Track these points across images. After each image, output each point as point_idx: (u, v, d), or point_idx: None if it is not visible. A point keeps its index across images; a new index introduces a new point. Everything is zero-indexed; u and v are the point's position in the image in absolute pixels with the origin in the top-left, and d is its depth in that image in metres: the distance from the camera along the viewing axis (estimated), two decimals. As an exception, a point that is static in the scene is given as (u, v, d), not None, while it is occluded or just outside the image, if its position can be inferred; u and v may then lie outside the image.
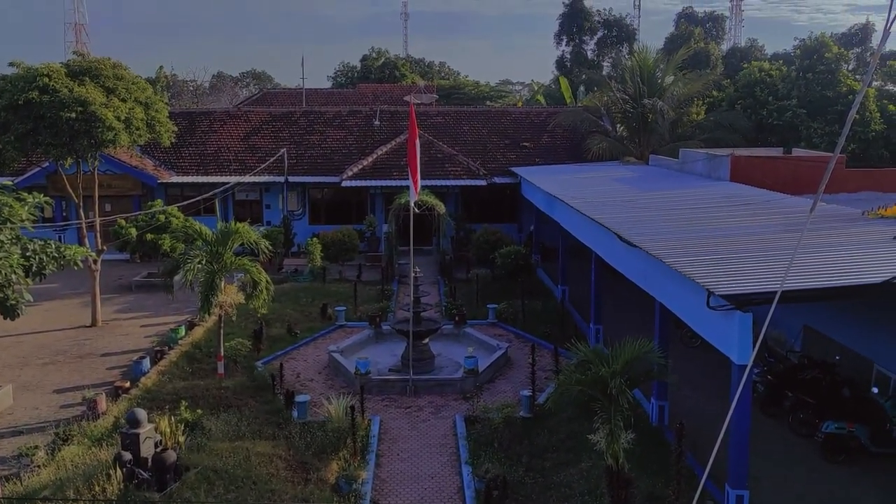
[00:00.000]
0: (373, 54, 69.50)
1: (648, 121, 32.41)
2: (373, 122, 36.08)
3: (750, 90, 36.15)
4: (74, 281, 26.15)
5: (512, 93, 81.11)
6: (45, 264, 15.76)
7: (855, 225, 14.67)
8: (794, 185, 20.70)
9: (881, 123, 32.86)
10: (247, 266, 17.61)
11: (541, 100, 52.78)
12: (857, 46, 42.66)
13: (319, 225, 33.04)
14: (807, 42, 37.30)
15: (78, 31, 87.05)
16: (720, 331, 10.95)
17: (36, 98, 19.94)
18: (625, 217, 17.11)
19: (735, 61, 46.97)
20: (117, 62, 22.64)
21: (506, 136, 36.14)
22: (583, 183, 24.98)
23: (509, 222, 33.25)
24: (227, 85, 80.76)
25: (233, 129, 35.60)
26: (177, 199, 30.64)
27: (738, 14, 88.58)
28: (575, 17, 53.85)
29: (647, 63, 34.12)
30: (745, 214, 16.75)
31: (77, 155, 21.61)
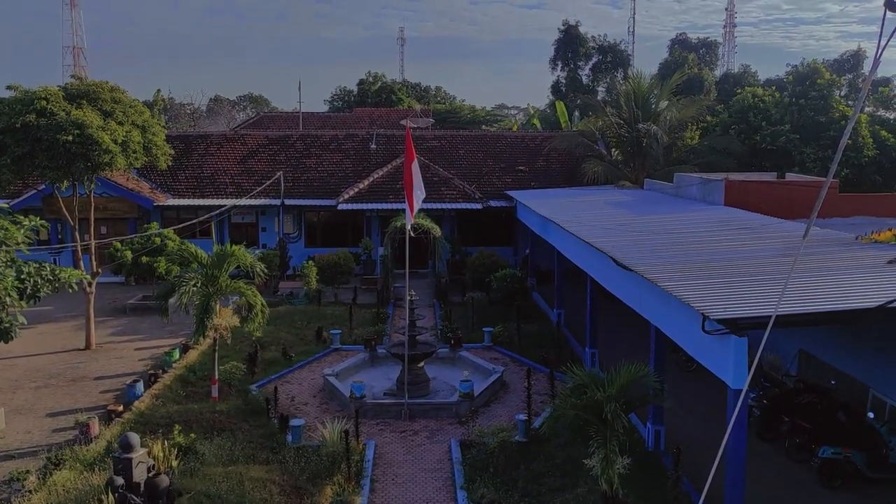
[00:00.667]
0: (369, 78, 69.97)
1: (643, 145, 32.62)
2: (369, 146, 36.25)
3: (743, 115, 36.46)
4: (69, 304, 26.05)
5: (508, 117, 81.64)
6: (39, 287, 15.71)
7: (849, 249, 14.73)
8: (788, 210, 20.81)
9: (874, 149, 33.13)
10: (242, 289, 17.59)
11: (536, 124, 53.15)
12: (848, 73, 43.08)
13: (315, 248, 33.05)
14: (799, 68, 37.71)
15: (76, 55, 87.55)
16: (715, 355, 10.94)
17: (33, 121, 19.99)
18: (620, 241, 17.14)
19: (728, 87, 47.41)
20: (115, 86, 22.75)
21: (501, 160, 36.32)
22: (578, 207, 25.06)
23: (505, 246, 33.31)
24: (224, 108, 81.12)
25: (229, 152, 35.71)
26: (173, 221, 30.66)
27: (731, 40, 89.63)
28: (570, 43, 54.36)
29: (642, 88, 34.44)
30: (740, 238, 16.80)
31: (73, 178, 21.63)
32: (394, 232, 28.15)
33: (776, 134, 34.38)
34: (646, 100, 34.14)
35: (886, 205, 22.82)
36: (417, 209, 19.08)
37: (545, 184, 34.36)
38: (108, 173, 24.70)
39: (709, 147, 34.07)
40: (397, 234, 27.63)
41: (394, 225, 28.18)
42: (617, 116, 34.47)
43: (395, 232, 28.03)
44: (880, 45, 3.92)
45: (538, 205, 26.04)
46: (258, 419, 16.52)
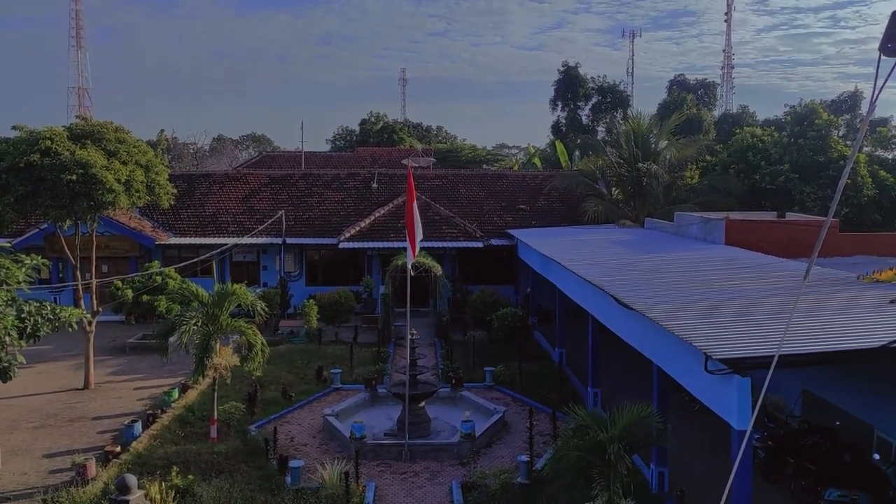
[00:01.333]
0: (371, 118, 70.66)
1: (643, 184, 32.78)
2: (371, 185, 36.45)
3: (743, 155, 36.70)
4: (68, 342, 25.96)
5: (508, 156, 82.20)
6: (39, 326, 15.67)
7: (851, 289, 14.70)
8: (789, 249, 20.82)
9: (873, 188, 33.27)
10: (242, 328, 17.55)
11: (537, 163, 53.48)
12: (846, 113, 43.49)
13: (316, 286, 33.02)
14: (797, 109, 38.06)
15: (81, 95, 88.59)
16: (719, 395, 10.85)
17: (37, 161, 20.15)
18: (621, 280, 17.13)
19: (727, 127, 47.81)
20: (119, 126, 22.97)
21: (502, 199, 36.49)
22: (579, 245, 25.10)
23: (506, 284, 33.27)
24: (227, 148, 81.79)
25: (232, 191, 35.92)
26: (174, 260, 30.72)
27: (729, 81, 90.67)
28: (570, 84, 54.99)
29: (641, 128, 34.74)
30: (742, 277, 16.78)
31: (76, 217, 21.73)
32: (395, 270, 28.15)
33: (776, 173, 34.56)
34: (645, 139, 34.42)
35: (887, 244, 22.84)
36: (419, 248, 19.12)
37: (546, 222, 34.46)
38: (111, 212, 24.78)
39: (709, 186, 34.24)
40: (398, 273, 27.63)
41: (395, 263, 28.21)
42: (617, 156, 34.71)
43: (396, 270, 28.04)
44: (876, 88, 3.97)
45: (539, 243, 26.08)
46: (257, 460, 16.34)
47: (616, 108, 55.32)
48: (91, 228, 22.79)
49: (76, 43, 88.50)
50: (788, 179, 34.09)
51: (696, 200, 33.14)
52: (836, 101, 45.36)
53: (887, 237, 24.35)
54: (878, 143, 39.33)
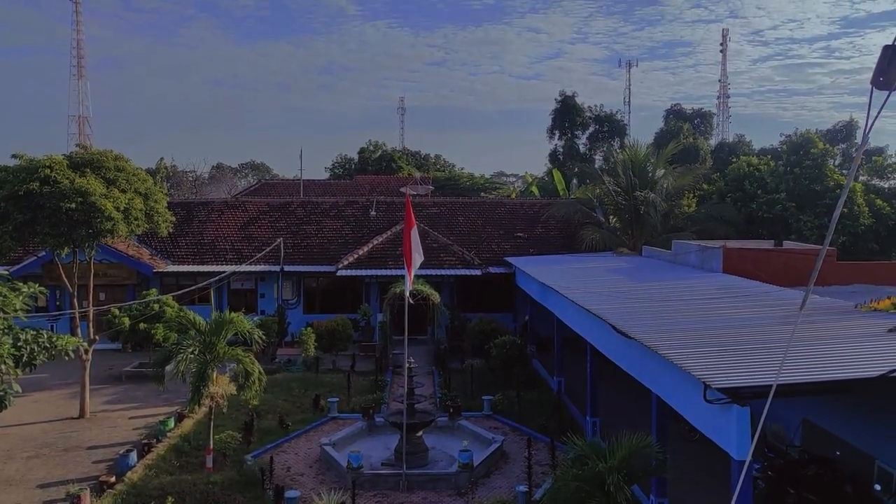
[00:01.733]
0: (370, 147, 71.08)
1: (641, 213, 32.91)
2: (369, 213, 36.56)
3: (739, 184, 36.90)
4: (64, 371, 25.82)
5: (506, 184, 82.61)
6: (35, 354, 15.61)
7: (849, 318, 14.69)
8: (787, 277, 20.85)
9: (869, 217, 33.42)
10: (240, 356, 17.49)
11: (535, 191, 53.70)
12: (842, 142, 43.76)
13: (314, 314, 32.96)
14: (793, 138, 38.36)
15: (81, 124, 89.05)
16: (718, 425, 10.80)
17: (36, 189, 20.22)
18: (619, 308, 17.12)
19: (724, 156, 48.10)
20: (119, 154, 23.09)
21: (500, 227, 36.59)
22: (577, 273, 25.12)
23: (504, 312, 33.22)
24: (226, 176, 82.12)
25: (230, 218, 35.99)
26: (172, 288, 30.67)
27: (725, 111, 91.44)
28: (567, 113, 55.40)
29: (638, 157, 34.96)
30: (740, 306, 16.78)
31: (74, 245, 21.74)
32: (393, 298, 28.12)
33: (772, 202, 34.73)
34: (643, 168, 34.61)
35: (884, 273, 22.88)
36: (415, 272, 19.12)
37: (544, 250, 34.52)
38: (109, 240, 24.81)
39: (706, 215, 34.37)
40: (396, 301, 27.61)
41: (393, 291, 28.19)
42: (614, 184, 34.88)
43: (394, 298, 28.01)
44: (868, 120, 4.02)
45: (537, 271, 26.10)
46: (253, 491, 16.17)
47: (613, 137, 55.66)
48: (89, 256, 22.79)
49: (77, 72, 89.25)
50: (785, 208, 34.25)
51: (693, 229, 33.25)
52: (831, 131, 45.66)
53: (885, 266, 24.41)
54: (874, 172, 39.57)
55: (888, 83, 4.11)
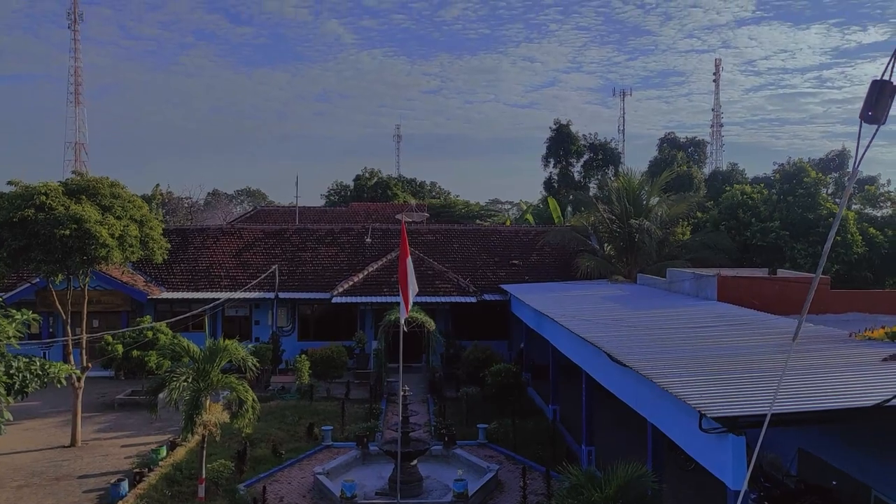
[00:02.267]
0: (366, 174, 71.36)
1: (635, 240, 33.00)
2: (364, 240, 36.60)
3: (733, 212, 37.09)
4: (56, 398, 25.61)
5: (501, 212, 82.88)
6: (28, 382, 15.51)
7: (844, 346, 14.71)
8: (781, 306, 20.88)
9: (863, 246, 33.58)
10: (233, 384, 17.39)
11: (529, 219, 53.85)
12: (834, 171, 44.15)
13: (308, 341, 32.84)
14: (786, 167, 38.67)
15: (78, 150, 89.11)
16: (714, 454, 10.75)
17: (31, 215, 20.21)
18: (614, 336, 17.11)
19: (717, 184, 48.42)
20: (115, 181, 23.13)
21: (495, 254, 36.64)
22: (572, 301, 25.12)
23: (499, 339, 33.15)
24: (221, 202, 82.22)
25: (225, 245, 35.98)
26: (166, 315, 30.56)
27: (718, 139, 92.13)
28: (562, 141, 55.85)
29: (633, 185, 35.15)
30: (735, 334, 16.78)
31: (68, 271, 21.69)
32: (388, 325, 28.06)
33: (766, 230, 34.90)
34: (637, 196, 34.79)
35: (878, 301, 22.94)
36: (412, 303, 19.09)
37: (539, 278, 34.55)
38: (104, 267, 24.78)
39: (700, 243, 34.50)
40: (391, 328, 27.54)
41: (388, 318, 28.13)
42: (609, 212, 35.03)
43: (389, 325, 27.95)
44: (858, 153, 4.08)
45: (532, 299, 26.09)
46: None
47: (607, 165, 56.08)
48: (83, 283, 22.73)
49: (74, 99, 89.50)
50: (779, 236, 34.40)
51: (687, 257, 33.34)
52: (823, 160, 46.10)
53: (879, 294, 24.48)
54: (867, 201, 39.84)
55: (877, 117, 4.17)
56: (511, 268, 35.70)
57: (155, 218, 24.36)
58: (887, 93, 4.14)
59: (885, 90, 4.15)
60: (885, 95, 4.13)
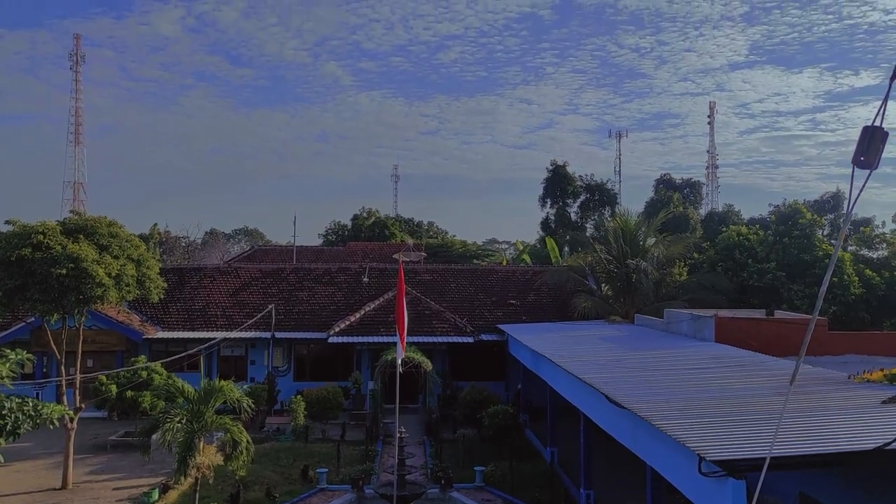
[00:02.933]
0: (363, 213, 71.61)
1: (632, 281, 33.02)
2: (361, 279, 36.56)
3: (730, 253, 37.19)
4: (48, 440, 25.29)
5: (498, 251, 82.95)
6: (20, 423, 15.31)
7: (843, 389, 14.64)
8: (779, 347, 20.82)
9: (860, 287, 33.62)
10: (228, 425, 17.22)
11: (526, 259, 53.95)
12: (829, 213, 44.40)
13: (304, 381, 32.58)
14: (781, 208, 38.91)
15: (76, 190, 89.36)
16: (714, 498, 10.61)
17: (28, 254, 20.20)
18: (612, 377, 17.01)
19: (713, 225, 48.66)
20: (113, 221, 23.17)
21: (492, 294, 36.59)
22: (569, 341, 25.03)
23: (497, 380, 32.93)
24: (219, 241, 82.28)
25: (222, 285, 35.91)
26: (161, 354, 30.37)
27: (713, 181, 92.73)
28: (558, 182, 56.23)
29: (629, 225, 35.30)
30: (733, 376, 16.70)
31: (64, 311, 21.61)
32: (384, 366, 27.89)
33: (763, 271, 34.97)
34: (633, 237, 34.90)
35: (876, 343, 22.90)
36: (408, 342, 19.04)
37: (536, 318, 34.46)
38: (99, 306, 24.68)
39: (697, 283, 34.52)
40: (388, 368, 27.37)
41: (384, 359, 27.98)
42: (606, 252, 35.11)
43: (385, 366, 27.78)
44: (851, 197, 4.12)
45: (529, 339, 25.99)
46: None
47: (604, 206, 56.38)
48: (78, 322, 22.63)
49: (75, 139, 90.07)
50: (776, 277, 34.46)
51: (685, 297, 33.32)
52: (818, 202, 46.37)
53: (876, 336, 24.44)
54: (862, 242, 40.00)
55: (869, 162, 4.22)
56: (508, 308, 35.62)
57: (152, 257, 24.37)
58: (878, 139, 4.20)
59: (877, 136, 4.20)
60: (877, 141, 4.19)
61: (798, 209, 37.19)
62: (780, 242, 35.56)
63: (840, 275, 33.27)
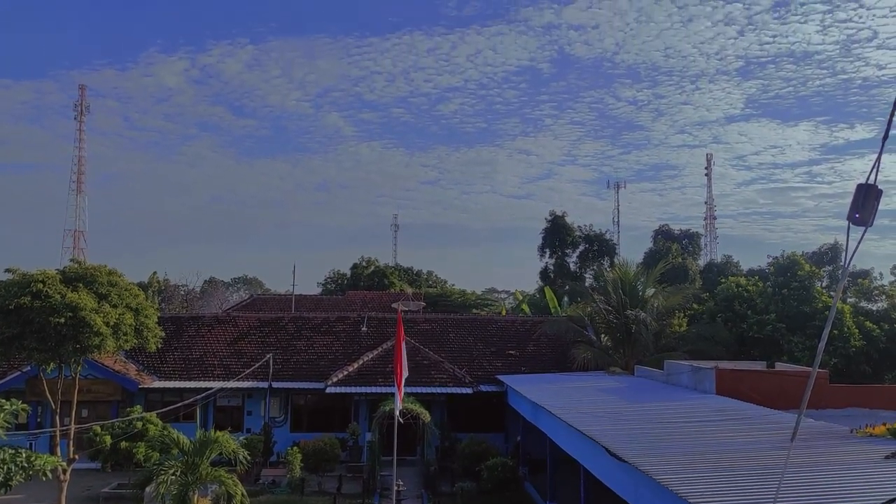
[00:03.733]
0: (363, 262, 71.66)
1: (632, 331, 32.93)
2: (360, 329, 36.43)
3: (729, 304, 37.16)
4: (40, 491, 24.82)
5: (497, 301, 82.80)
6: (12, 475, 15.13)
7: (845, 443, 14.52)
8: (781, 400, 20.66)
9: (860, 339, 33.52)
10: (223, 478, 17.00)
11: (525, 309, 53.81)
12: (828, 264, 44.53)
13: (301, 432, 32.17)
14: (780, 260, 39.02)
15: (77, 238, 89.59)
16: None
17: (27, 303, 20.18)
18: (613, 430, 16.86)
19: (712, 276, 48.71)
20: (113, 269, 23.20)
21: (492, 344, 36.41)
22: (569, 393, 24.84)
23: (496, 432, 32.54)
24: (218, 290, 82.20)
25: (220, 334, 35.74)
26: (157, 404, 30.06)
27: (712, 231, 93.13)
28: (557, 232, 56.41)
29: (628, 276, 35.36)
30: (735, 430, 16.57)
31: (61, 360, 21.49)
32: (382, 417, 27.60)
33: (762, 323, 34.90)
34: (633, 287, 34.93)
35: (878, 397, 22.76)
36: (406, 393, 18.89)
37: (536, 368, 34.23)
38: (96, 355, 24.55)
39: (697, 334, 34.43)
40: (385, 419, 27.08)
41: (382, 409, 27.70)
42: (605, 303, 35.07)
43: (383, 417, 27.49)
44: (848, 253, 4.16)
45: (529, 390, 25.80)
46: None
47: (603, 256, 56.47)
48: (75, 372, 22.49)
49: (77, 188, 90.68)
50: (776, 329, 34.37)
51: (685, 348, 33.21)
52: (817, 253, 46.55)
53: (878, 390, 24.33)
54: (861, 294, 40.02)
55: (863, 220, 4.27)
56: (508, 358, 35.41)
57: (151, 306, 24.33)
58: (873, 196, 4.26)
59: (871, 193, 4.27)
60: (871, 198, 4.25)
61: (796, 261, 37.31)
62: (780, 294, 35.57)
63: (840, 327, 33.21)
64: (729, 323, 36.17)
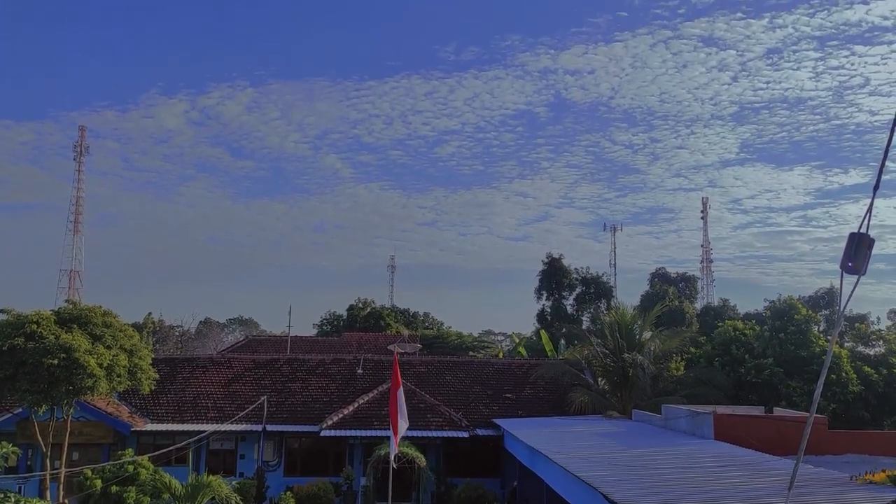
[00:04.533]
0: (359, 304, 71.47)
1: (629, 375, 32.77)
2: (356, 371, 36.17)
3: (726, 348, 37.03)
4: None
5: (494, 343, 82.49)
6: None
7: (845, 490, 14.36)
8: (779, 446, 20.49)
9: (858, 384, 33.36)
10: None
11: (522, 352, 53.59)
12: (824, 308, 44.52)
13: (295, 476, 31.69)
14: (776, 304, 38.98)
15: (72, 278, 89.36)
16: None
17: (21, 344, 20.07)
18: (611, 475, 16.67)
19: (709, 319, 48.63)
20: (107, 310, 23.14)
21: (488, 387, 36.14)
22: (566, 437, 24.62)
23: (492, 476, 32.11)
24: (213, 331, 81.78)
25: (214, 375, 35.42)
26: (149, 447, 29.66)
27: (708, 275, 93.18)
28: (554, 275, 56.49)
29: (625, 319, 35.29)
30: (734, 476, 16.40)
31: (53, 402, 21.28)
32: (377, 461, 27.27)
33: (760, 367, 34.75)
34: (630, 330, 34.84)
35: (877, 443, 22.59)
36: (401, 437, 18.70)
37: (533, 412, 33.94)
38: (89, 397, 24.31)
39: (695, 378, 34.24)
40: (381, 464, 26.75)
41: (377, 453, 27.39)
42: (602, 346, 34.95)
43: (378, 461, 27.17)
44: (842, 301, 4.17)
45: (525, 434, 25.55)
46: None
47: (600, 299, 56.47)
48: (67, 414, 22.24)
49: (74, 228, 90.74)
50: (773, 373, 34.21)
51: (682, 392, 32.99)
52: (813, 297, 46.58)
53: (878, 436, 24.16)
54: (858, 339, 39.94)
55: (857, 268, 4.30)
56: (504, 401, 35.13)
57: (145, 347, 24.21)
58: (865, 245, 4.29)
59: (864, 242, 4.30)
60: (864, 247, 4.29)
61: (793, 305, 37.30)
62: (777, 338, 35.49)
63: (838, 372, 33.06)
64: (726, 367, 36.00)
